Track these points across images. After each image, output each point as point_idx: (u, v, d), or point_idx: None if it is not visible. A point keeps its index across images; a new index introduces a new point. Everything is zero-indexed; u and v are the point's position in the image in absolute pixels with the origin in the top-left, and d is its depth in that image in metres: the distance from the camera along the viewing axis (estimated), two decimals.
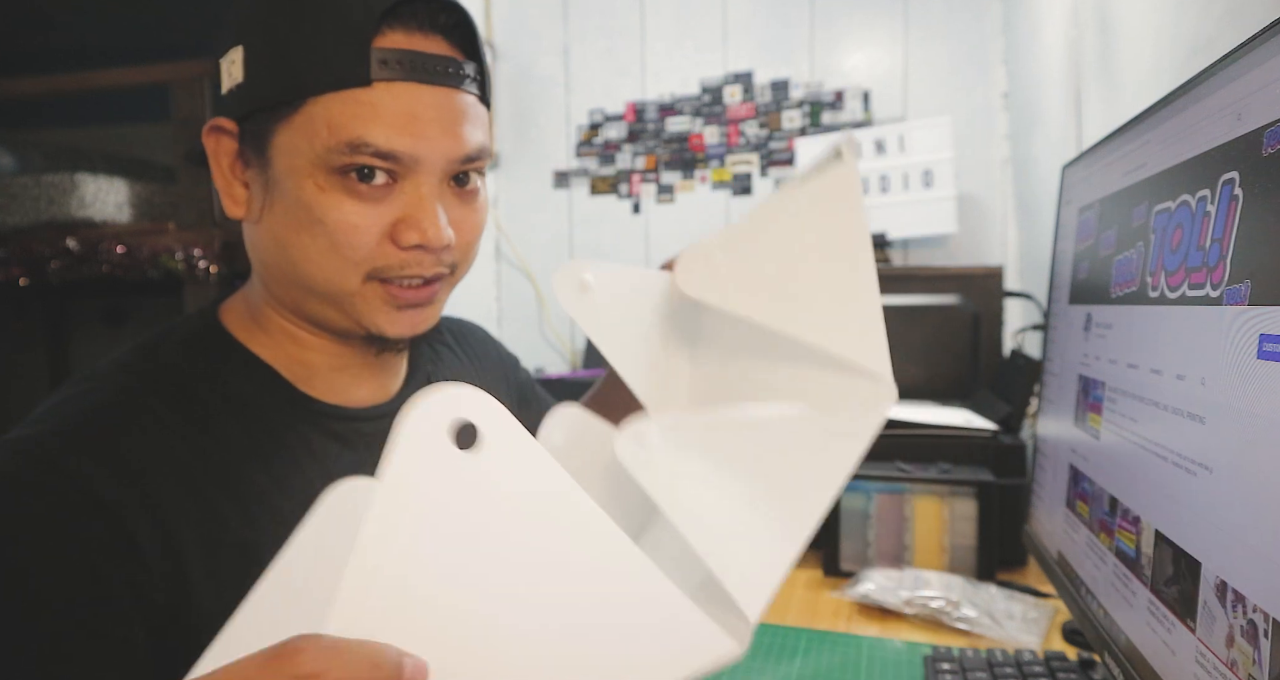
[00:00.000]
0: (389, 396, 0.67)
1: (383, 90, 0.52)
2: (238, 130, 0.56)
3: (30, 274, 1.66)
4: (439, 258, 0.57)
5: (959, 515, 0.97)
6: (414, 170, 0.54)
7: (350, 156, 0.52)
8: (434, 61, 0.54)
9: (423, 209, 0.54)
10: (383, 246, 0.54)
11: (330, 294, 0.56)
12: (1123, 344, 0.60)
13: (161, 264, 1.62)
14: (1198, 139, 0.49)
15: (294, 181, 0.53)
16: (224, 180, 0.57)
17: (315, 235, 0.53)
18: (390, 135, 0.52)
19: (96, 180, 1.72)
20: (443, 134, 0.54)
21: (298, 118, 0.52)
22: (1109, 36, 1.16)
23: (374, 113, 0.52)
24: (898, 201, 1.88)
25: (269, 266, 0.58)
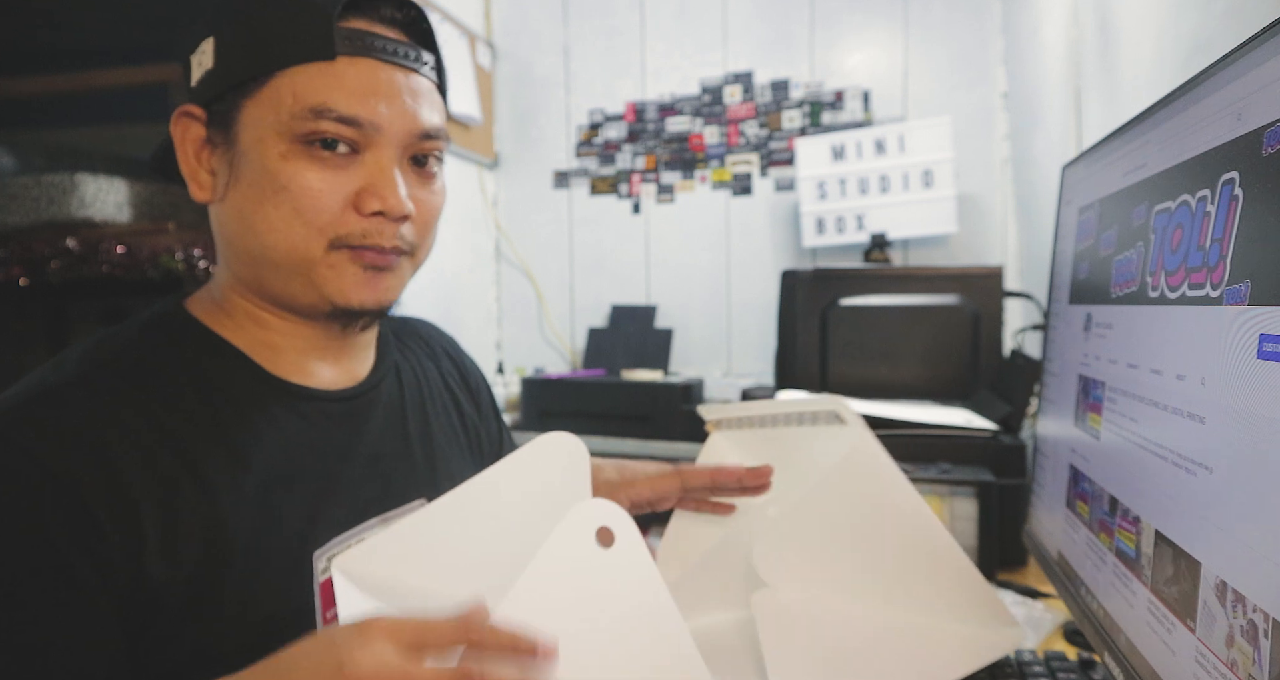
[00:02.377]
0: (357, 381, 0.68)
1: (346, 63, 0.56)
2: (205, 116, 0.58)
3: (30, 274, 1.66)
4: (398, 229, 0.59)
5: (959, 515, 0.97)
6: (374, 141, 0.57)
7: (314, 122, 0.55)
8: (392, 44, 0.58)
9: (383, 177, 0.57)
10: (345, 214, 0.57)
11: (294, 264, 0.57)
12: (1123, 344, 0.60)
13: (161, 264, 1.62)
14: (1198, 139, 0.49)
15: (259, 151, 0.56)
16: (190, 166, 0.60)
17: (279, 203, 0.56)
18: (352, 102, 0.55)
19: (96, 180, 1.71)
20: (401, 108, 0.58)
21: (265, 91, 0.56)
22: (1109, 36, 1.16)
23: (337, 82, 0.55)
24: (898, 201, 1.88)
25: (232, 244, 0.60)
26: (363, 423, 0.66)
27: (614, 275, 2.29)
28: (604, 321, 2.26)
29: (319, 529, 0.59)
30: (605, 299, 2.28)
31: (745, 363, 2.16)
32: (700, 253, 2.21)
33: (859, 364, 1.37)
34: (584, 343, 2.23)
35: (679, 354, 2.18)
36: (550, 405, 2.02)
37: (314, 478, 0.60)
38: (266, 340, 0.62)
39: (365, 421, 0.66)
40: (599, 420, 1.92)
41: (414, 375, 0.76)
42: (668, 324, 2.19)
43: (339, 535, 0.60)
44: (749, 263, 2.17)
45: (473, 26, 2.20)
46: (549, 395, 2.03)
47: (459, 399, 0.81)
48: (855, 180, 1.92)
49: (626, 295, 2.27)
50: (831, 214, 1.95)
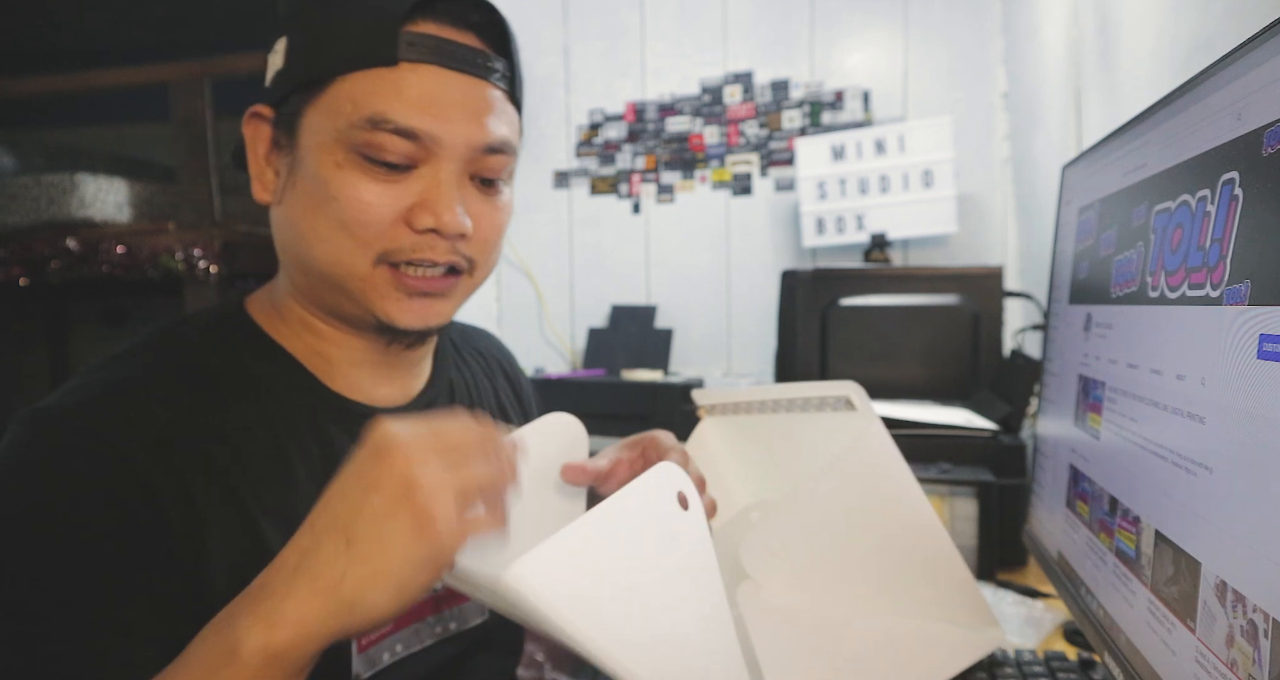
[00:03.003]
0: (409, 398, 0.66)
1: (408, 70, 0.53)
2: (273, 116, 0.57)
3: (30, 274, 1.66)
4: (453, 245, 0.56)
5: (959, 515, 0.97)
6: (434, 154, 0.54)
7: (370, 132, 0.52)
8: (461, 50, 0.55)
9: (439, 192, 0.54)
10: (395, 228, 0.54)
11: (339, 277, 0.55)
12: (1123, 344, 0.60)
13: (161, 264, 1.62)
14: (1198, 139, 0.49)
15: (315, 158, 0.54)
16: (257, 166, 0.58)
17: (328, 213, 0.54)
18: (411, 113, 0.52)
19: (96, 180, 1.72)
20: (465, 119, 0.54)
21: (325, 96, 0.53)
22: (1109, 36, 1.16)
23: (397, 90, 0.52)
24: (898, 201, 1.88)
25: (286, 250, 0.59)
26: None
27: (614, 275, 2.29)
28: (604, 321, 2.26)
29: None
30: (605, 299, 2.28)
31: (745, 363, 2.16)
32: (700, 253, 2.21)
33: (859, 364, 1.37)
34: (584, 343, 2.23)
35: (679, 354, 2.18)
36: (550, 405, 2.01)
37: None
38: (320, 350, 0.60)
39: None
40: (599, 420, 1.91)
41: (468, 392, 0.74)
42: (668, 324, 2.19)
43: None
44: (749, 263, 2.17)
45: None
46: (549, 395, 2.02)
47: (510, 418, 0.80)
48: (855, 180, 1.92)
49: (626, 295, 2.27)
50: (831, 214, 1.95)
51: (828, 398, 0.66)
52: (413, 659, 0.61)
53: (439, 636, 0.64)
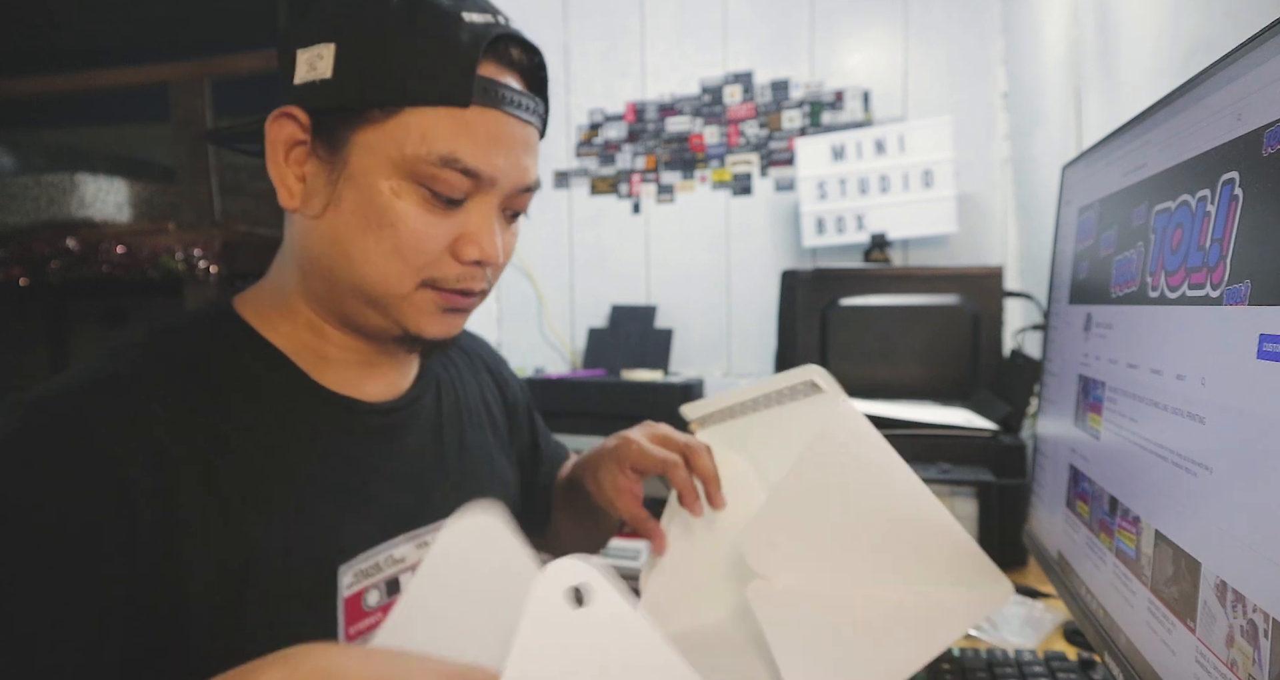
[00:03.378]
0: (398, 393, 0.68)
1: (477, 114, 0.55)
2: (309, 122, 0.56)
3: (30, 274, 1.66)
4: (486, 273, 0.60)
5: (959, 515, 0.97)
6: (485, 192, 0.58)
7: (438, 169, 0.55)
8: (517, 95, 0.58)
9: (485, 228, 0.58)
10: (443, 258, 0.58)
11: (380, 297, 0.58)
12: (1123, 344, 0.60)
13: (161, 264, 1.62)
14: (1198, 139, 0.49)
15: (369, 181, 0.55)
16: (279, 169, 0.58)
17: (381, 238, 0.56)
18: (478, 155, 0.56)
19: (96, 180, 1.72)
20: (515, 163, 0.59)
21: (390, 123, 0.54)
22: (1109, 36, 1.16)
23: (468, 132, 0.55)
24: (898, 201, 1.88)
25: (317, 262, 0.59)
26: (401, 437, 0.66)
27: (614, 275, 2.29)
28: (604, 321, 2.26)
29: (347, 544, 0.59)
30: (605, 299, 2.28)
31: (745, 363, 2.16)
32: (700, 253, 2.21)
33: (859, 364, 1.37)
34: (584, 343, 2.23)
35: (679, 354, 2.18)
36: (550, 405, 2.01)
37: (347, 492, 0.60)
38: (317, 348, 0.62)
39: (403, 436, 0.66)
40: (599, 420, 1.92)
41: (453, 388, 0.76)
42: (668, 324, 2.19)
43: (366, 551, 0.60)
44: (749, 263, 2.17)
45: None
46: (549, 395, 2.02)
47: (495, 415, 0.82)
48: (855, 180, 1.92)
49: (626, 295, 2.27)
50: (831, 214, 1.95)
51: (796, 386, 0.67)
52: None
53: None
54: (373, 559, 0.61)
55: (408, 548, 0.64)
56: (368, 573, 0.60)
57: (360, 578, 0.59)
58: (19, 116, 2.06)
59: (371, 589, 0.60)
